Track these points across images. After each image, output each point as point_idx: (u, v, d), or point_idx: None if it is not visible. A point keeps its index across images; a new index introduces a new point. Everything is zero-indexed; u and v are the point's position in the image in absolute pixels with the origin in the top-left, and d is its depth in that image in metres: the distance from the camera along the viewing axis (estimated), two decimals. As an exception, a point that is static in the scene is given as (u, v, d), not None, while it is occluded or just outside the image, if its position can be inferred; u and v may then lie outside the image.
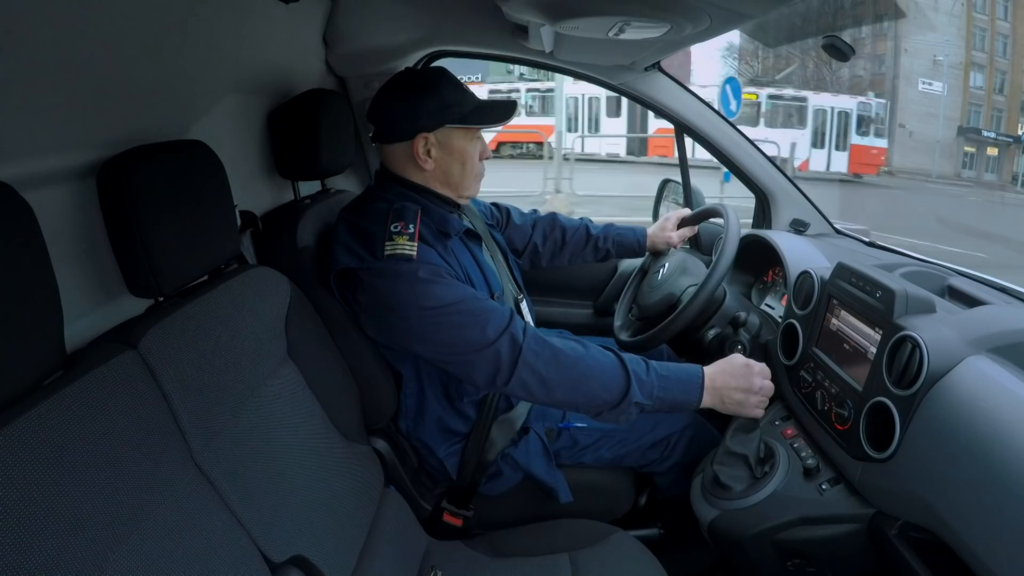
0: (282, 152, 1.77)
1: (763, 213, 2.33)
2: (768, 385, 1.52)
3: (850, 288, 1.47)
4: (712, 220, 2.09)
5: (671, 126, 2.28)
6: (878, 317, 1.36)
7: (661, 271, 1.93)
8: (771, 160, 2.27)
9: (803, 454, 1.49)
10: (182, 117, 1.40)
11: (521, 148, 21.06)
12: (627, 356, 1.47)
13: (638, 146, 21.30)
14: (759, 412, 1.52)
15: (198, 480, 1.02)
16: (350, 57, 2.03)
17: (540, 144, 19.67)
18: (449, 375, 1.59)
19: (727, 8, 1.26)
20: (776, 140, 15.21)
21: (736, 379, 1.48)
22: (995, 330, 1.24)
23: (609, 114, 20.92)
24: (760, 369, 1.51)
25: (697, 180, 2.42)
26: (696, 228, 2.14)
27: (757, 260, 2.11)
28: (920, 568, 1.18)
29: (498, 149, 20.85)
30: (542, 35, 1.70)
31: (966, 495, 1.06)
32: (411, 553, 1.51)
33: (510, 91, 21.16)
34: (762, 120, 18.96)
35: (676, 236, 2.09)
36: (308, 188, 1.91)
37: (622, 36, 1.44)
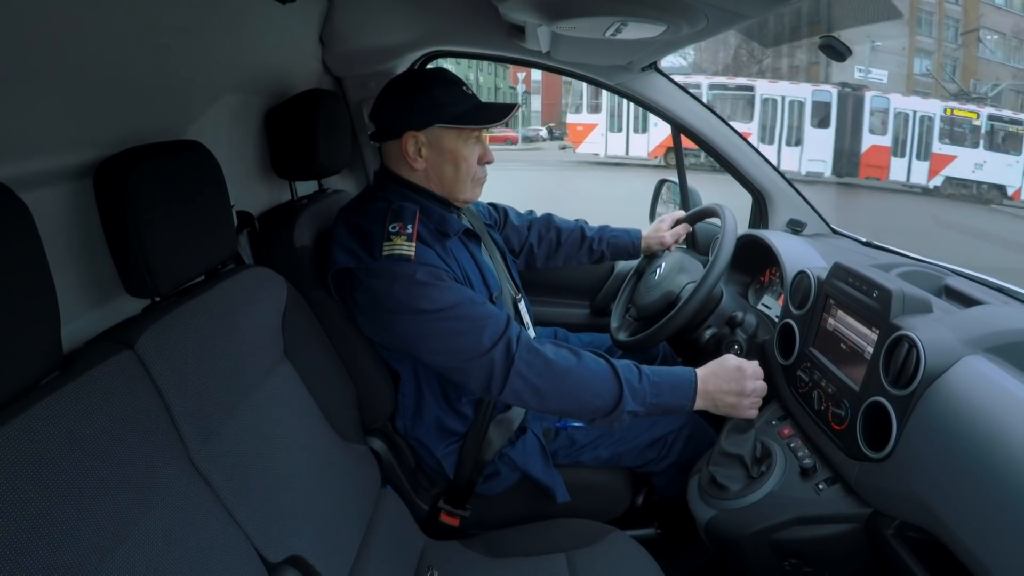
0: (279, 152, 1.76)
1: (760, 213, 2.34)
2: (761, 386, 1.51)
3: (847, 288, 1.47)
4: (708, 220, 2.09)
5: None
6: (875, 317, 1.36)
7: (658, 271, 1.93)
8: (767, 160, 2.27)
9: (800, 454, 1.50)
10: (179, 117, 1.39)
11: (699, 157, 18.54)
12: (620, 363, 1.47)
13: (847, 165, 17.98)
14: (753, 413, 1.51)
15: (195, 480, 1.02)
16: (346, 57, 2.03)
17: (723, 154, 18.49)
18: None
19: (724, 8, 1.26)
20: (992, 163, 14.55)
21: (728, 382, 1.48)
22: (992, 330, 1.24)
23: (814, 123, 17.83)
24: (752, 371, 1.51)
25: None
26: (690, 227, 2.14)
27: (754, 260, 2.12)
28: (917, 568, 1.19)
29: (666, 156, 18.24)
30: (539, 35, 1.70)
31: (963, 494, 1.06)
32: (408, 553, 1.51)
33: (687, 85, 18.72)
34: (981, 142, 17.25)
35: (669, 236, 2.09)
36: (305, 188, 1.91)
37: (619, 36, 1.44)
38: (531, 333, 1.78)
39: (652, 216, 2.59)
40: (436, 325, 1.43)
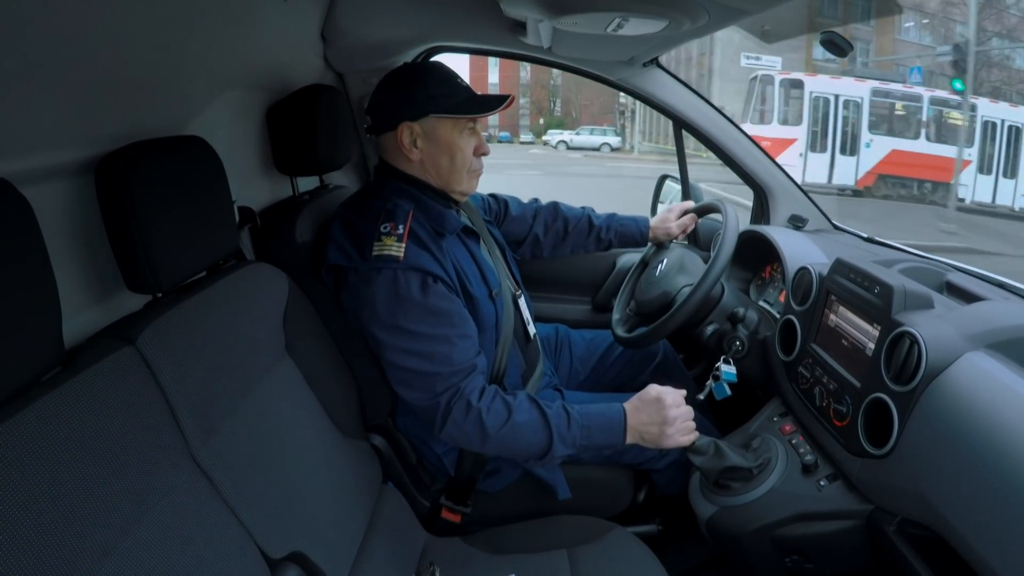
0: (280, 148, 1.76)
1: (761, 209, 2.34)
2: (684, 411, 1.50)
3: (848, 284, 1.47)
4: (711, 216, 2.09)
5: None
6: (876, 313, 1.36)
7: (660, 266, 1.93)
8: (769, 156, 2.27)
9: (801, 450, 1.50)
10: (180, 113, 1.39)
11: (908, 185, 15.64)
12: (551, 410, 1.48)
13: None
14: (686, 439, 1.49)
15: (196, 476, 1.02)
16: (348, 52, 2.03)
17: (938, 184, 15.42)
18: None
19: (725, 4, 1.26)
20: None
21: (648, 415, 1.48)
22: (993, 326, 1.24)
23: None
24: (672, 399, 1.49)
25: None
26: (697, 219, 2.13)
27: (755, 256, 2.12)
28: (918, 564, 1.19)
29: (873, 185, 15.66)
30: (540, 31, 1.69)
31: (964, 491, 1.06)
32: (409, 550, 1.51)
33: (905, 97, 15.54)
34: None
35: (676, 226, 2.08)
36: (306, 184, 1.91)
37: (620, 32, 1.44)
38: (531, 329, 1.79)
39: (653, 211, 2.58)
40: (403, 351, 1.46)
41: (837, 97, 15.18)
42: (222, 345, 1.17)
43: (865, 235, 2.17)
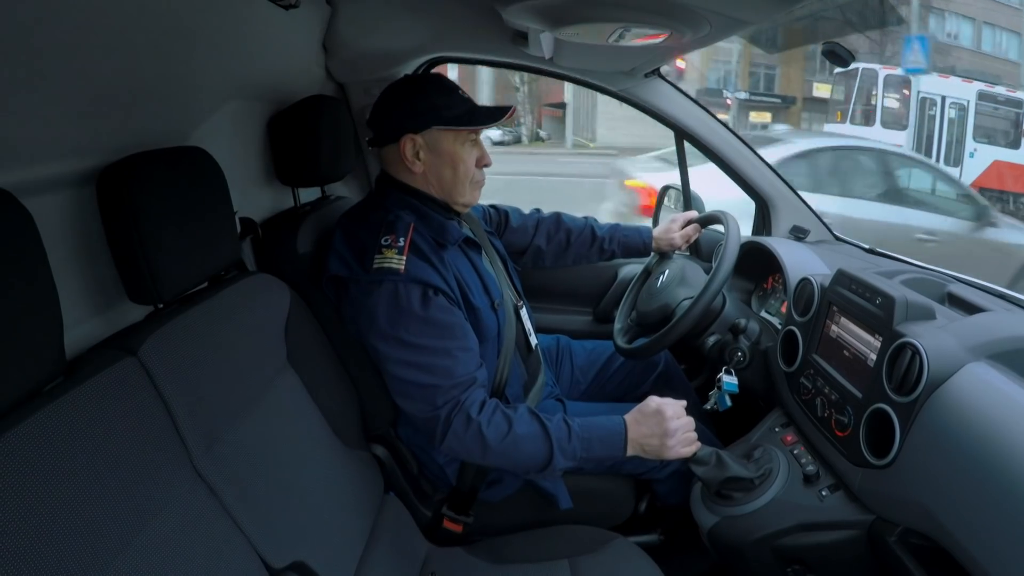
0: (282, 158, 1.76)
1: (763, 220, 2.33)
2: (685, 421, 1.49)
3: (850, 295, 1.47)
4: (713, 227, 2.09)
5: None
6: (878, 324, 1.36)
7: (661, 278, 1.93)
8: (771, 166, 2.27)
9: (803, 460, 1.49)
10: (182, 124, 1.40)
11: (1004, 200, 13.11)
12: (552, 423, 1.48)
13: None
14: (687, 451, 1.49)
15: (198, 486, 1.02)
16: (350, 63, 2.03)
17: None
18: None
19: (726, 15, 1.27)
20: None
21: (648, 426, 1.48)
22: (995, 337, 1.24)
23: None
24: (673, 411, 1.48)
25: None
26: (701, 229, 2.13)
27: (757, 267, 2.11)
28: (920, 574, 1.18)
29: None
30: (542, 41, 1.70)
31: (966, 501, 1.06)
32: (411, 559, 1.51)
33: (1008, 102, 13.47)
34: None
35: (679, 236, 2.08)
36: (308, 195, 1.91)
37: (622, 42, 1.44)
38: (533, 340, 1.79)
39: (655, 221, 2.58)
40: (404, 363, 1.46)
41: (944, 99, 13.23)
42: (224, 356, 1.18)
43: (867, 246, 2.17)
